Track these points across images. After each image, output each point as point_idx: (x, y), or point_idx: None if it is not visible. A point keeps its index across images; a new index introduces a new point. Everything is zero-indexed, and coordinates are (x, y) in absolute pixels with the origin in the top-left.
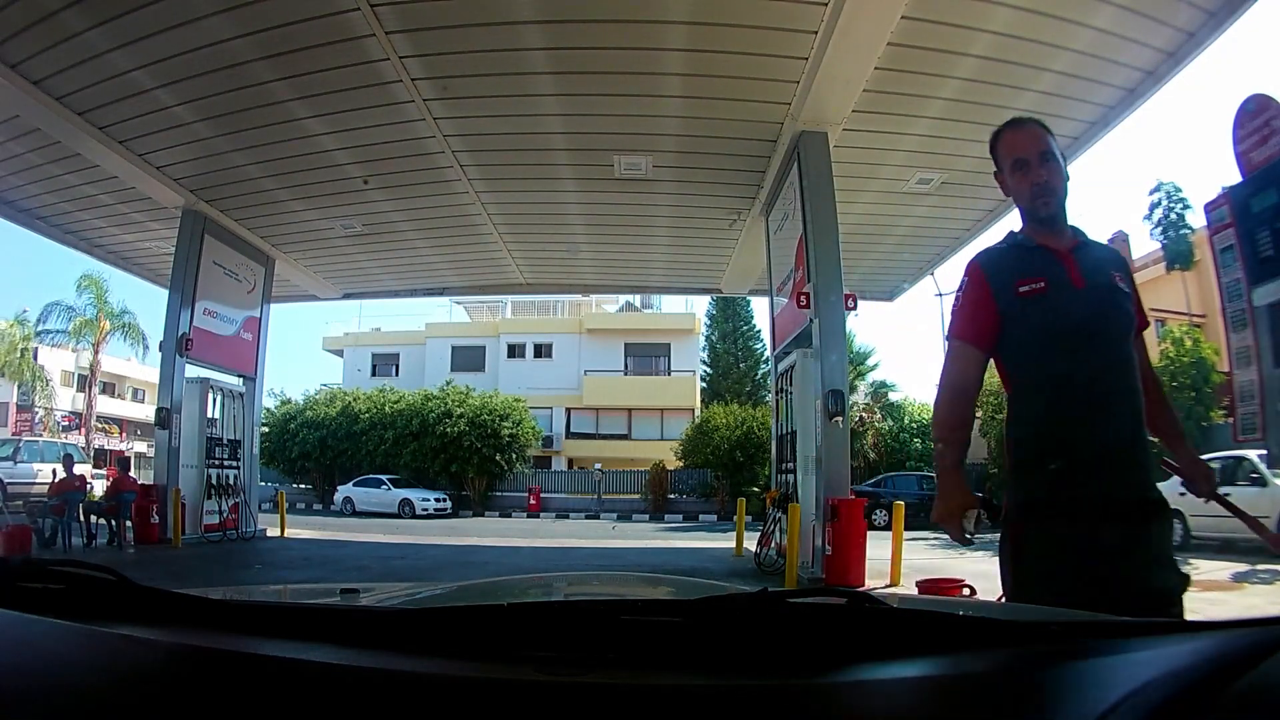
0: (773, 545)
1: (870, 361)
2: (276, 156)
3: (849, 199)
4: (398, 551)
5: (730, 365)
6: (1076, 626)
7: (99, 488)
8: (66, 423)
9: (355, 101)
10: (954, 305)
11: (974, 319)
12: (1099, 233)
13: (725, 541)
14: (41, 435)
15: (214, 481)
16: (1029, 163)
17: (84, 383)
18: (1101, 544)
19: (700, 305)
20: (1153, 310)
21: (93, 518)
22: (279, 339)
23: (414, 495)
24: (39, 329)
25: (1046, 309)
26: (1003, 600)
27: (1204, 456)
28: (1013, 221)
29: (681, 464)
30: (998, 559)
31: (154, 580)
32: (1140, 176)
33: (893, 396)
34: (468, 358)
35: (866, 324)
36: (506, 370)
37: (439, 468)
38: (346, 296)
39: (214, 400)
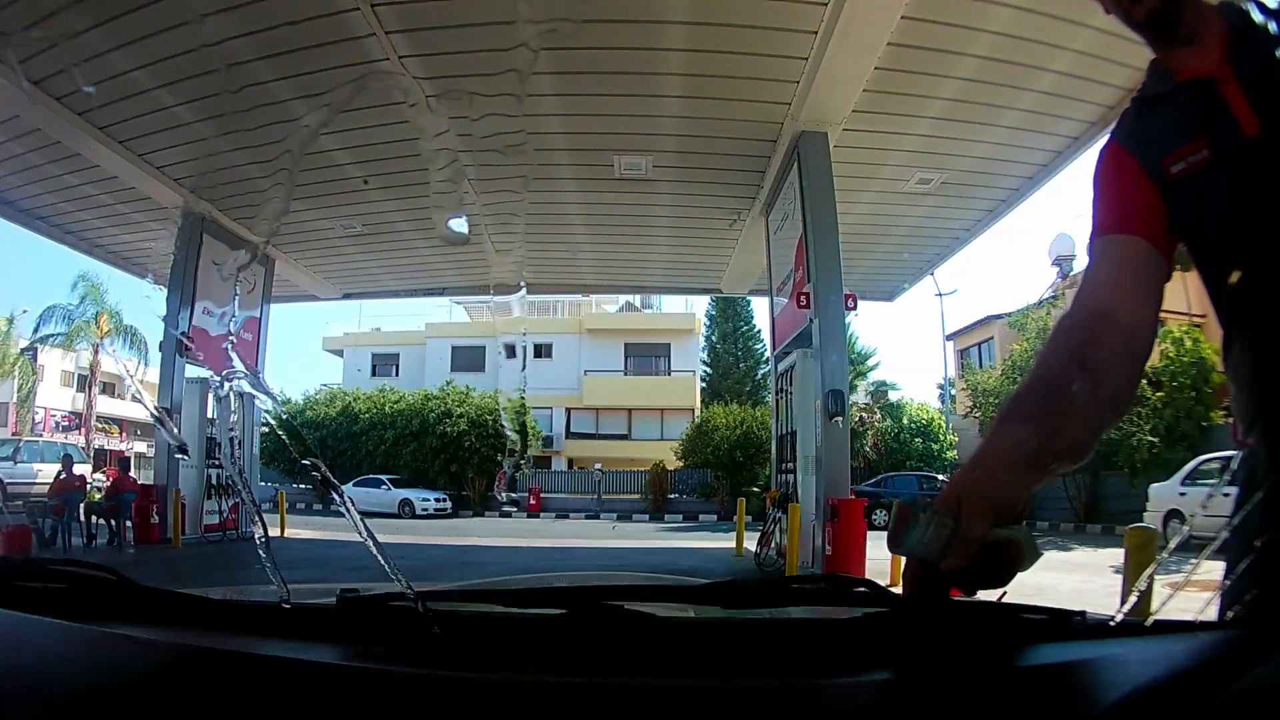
0: (773, 545)
1: (870, 362)
2: (277, 156)
3: (849, 199)
4: (398, 551)
5: (730, 365)
6: (1076, 627)
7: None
8: (67, 423)
9: (355, 101)
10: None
11: (1123, 199)
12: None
13: (725, 541)
14: (42, 436)
15: (214, 481)
16: None
17: (84, 383)
18: None
19: (700, 305)
20: None
21: (93, 518)
22: (279, 339)
23: (414, 495)
24: (37, 332)
25: (1213, 191)
26: (1002, 600)
27: (1204, 456)
28: (1014, 220)
29: (681, 464)
30: None
31: (154, 580)
32: None
33: (892, 396)
34: (468, 358)
35: (866, 324)
36: (507, 370)
37: (439, 468)
38: (346, 296)
39: (214, 400)
